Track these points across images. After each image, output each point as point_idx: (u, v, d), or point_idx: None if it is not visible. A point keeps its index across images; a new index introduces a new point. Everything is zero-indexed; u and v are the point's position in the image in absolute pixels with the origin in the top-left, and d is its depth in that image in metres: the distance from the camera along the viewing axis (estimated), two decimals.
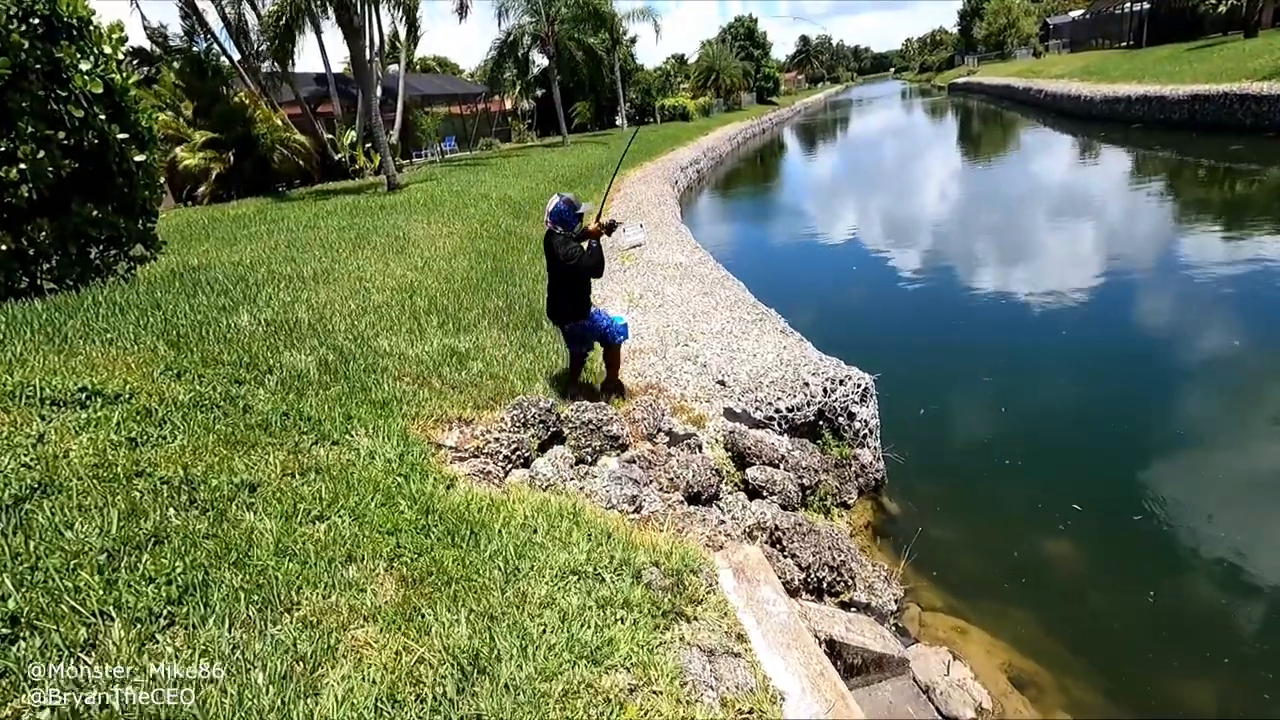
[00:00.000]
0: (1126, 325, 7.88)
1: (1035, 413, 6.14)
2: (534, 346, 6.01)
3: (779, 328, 6.54)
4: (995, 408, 6.23)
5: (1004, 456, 5.53)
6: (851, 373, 5.38)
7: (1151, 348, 7.26)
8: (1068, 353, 7.20)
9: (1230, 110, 19.06)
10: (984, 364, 7.07)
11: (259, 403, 3.47)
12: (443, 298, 6.98)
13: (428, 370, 4.78)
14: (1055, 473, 5.29)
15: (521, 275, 8.99)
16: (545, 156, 25.29)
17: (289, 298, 5.71)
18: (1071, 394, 6.40)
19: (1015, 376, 6.82)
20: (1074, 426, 5.87)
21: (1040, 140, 25.47)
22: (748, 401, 5.22)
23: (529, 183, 17.84)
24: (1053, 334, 7.75)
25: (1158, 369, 6.71)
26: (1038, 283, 9.64)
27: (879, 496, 5.37)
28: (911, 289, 10.12)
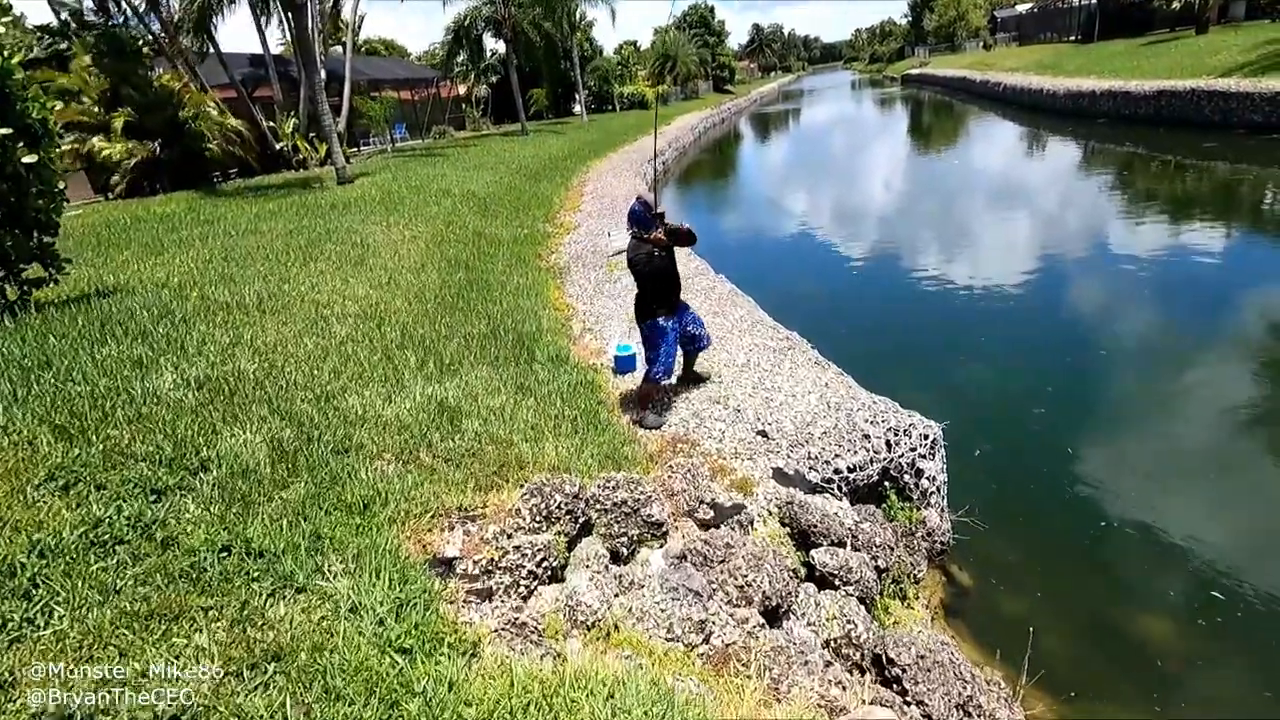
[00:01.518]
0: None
1: (1109, 446, 5.48)
2: (532, 388, 5.03)
3: (811, 358, 5.71)
4: (1060, 442, 5.55)
5: (1088, 508, 4.84)
6: (915, 420, 4.59)
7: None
8: (1128, 365, 6.59)
9: (1198, 106, 19.12)
10: (1034, 385, 6.41)
11: (186, 530, 2.44)
12: (416, 325, 5.91)
13: (413, 438, 3.77)
14: (1157, 528, 4.61)
15: (500, 289, 7.94)
16: (505, 146, 23.96)
17: (228, 338, 4.58)
18: (1150, 421, 5.77)
19: (1077, 398, 6.17)
20: (1162, 468, 5.22)
21: (1009, 135, 25.38)
22: (799, 459, 4.37)
23: (492, 176, 16.62)
24: (1105, 340, 7.15)
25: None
26: (1072, 283, 9.09)
27: (947, 565, 4.61)
28: (924, 296, 9.46)
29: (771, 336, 6.19)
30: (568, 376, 5.46)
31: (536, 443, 4.17)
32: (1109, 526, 4.68)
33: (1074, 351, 7.21)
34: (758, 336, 6.21)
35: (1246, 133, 17.19)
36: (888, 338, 8.35)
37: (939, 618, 4.20)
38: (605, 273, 9.02)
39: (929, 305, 9.24)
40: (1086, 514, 4.80)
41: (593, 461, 4.11)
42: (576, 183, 17.94)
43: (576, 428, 4.52)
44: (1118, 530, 4.65)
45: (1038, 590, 4.36)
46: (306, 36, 15.54)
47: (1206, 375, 6.44)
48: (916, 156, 23.41)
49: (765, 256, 13.00)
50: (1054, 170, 17.70)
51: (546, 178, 18.10)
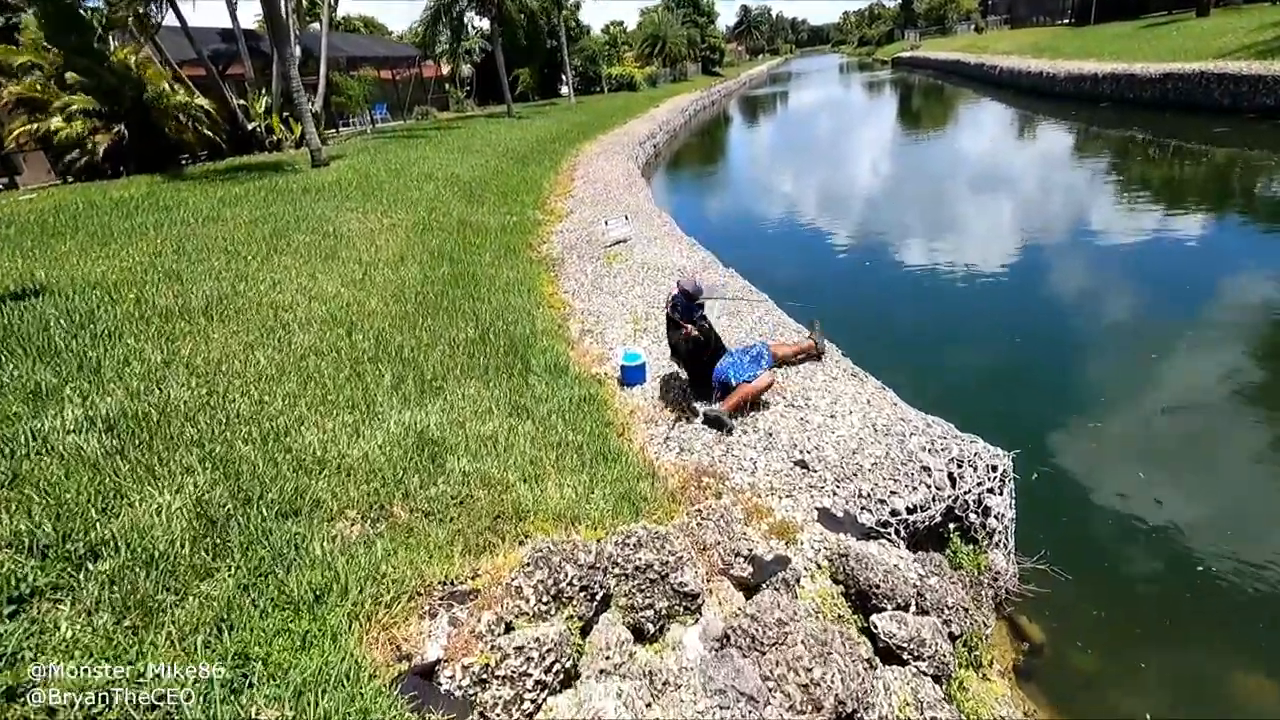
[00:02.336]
0: None
1: (1190, 464, 4.85)
2: (529, 408, 4.31)
3: (846, 368, 5.02)
4: (1130, 463, 4.92)
5: (1178, 546, 4.21)
6: (979, 448, 3.92)
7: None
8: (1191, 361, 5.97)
9: (1206, 90, 18.55)
10: (1088, 392, 5.77)
11: (44, 668, 1.70)
12: (393, 330, 5.15)
13: (385, 486, 3.04)
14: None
15: (489, 284, 7.18)
16: (490, 129, 22.97)
17: (161, 355, 3.80)
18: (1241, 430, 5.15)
19: (1136, 406, 5.54)
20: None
21: (1012, 120, 24.72)
22: (847, 497, 3.69)
23: (478, 159, 15.72)
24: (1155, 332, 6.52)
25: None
26: (1113, 275, 8.47)
27: (1015, 616, 3.97)
28: (941, 288, 8.80)
29: (795, 340, 5.48)
30: (568, 391, 4.74)
31: (537, 483, 3.45)
32: (1211, 572, 4.06)
33: (1128, 350, 6.59)
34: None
35: (1257, 116, 16.64)
36: (906, 334, 7.68)
37: (1012, 683, 3.56)
38: (603, 265, 8.27)
39: (947, 298, 8.58)
40: (1178, 555, 4.18)
41: (605, 505, 3.41)
42: (566, 167, 17.09)
43: (583, 459, 3.81)
44: (1222, 577, 4.03)
45: (1128, 651, 3.74)
46: (278, 10, 14.49)
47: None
48: (918, 143, 22.70)
49: (765, 245, 12.25)
50: (1065, 157, 17.08)
51: (535, 161, 17.23)
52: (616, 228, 8.99)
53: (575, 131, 23.64)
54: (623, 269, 7.91)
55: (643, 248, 8.70)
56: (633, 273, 7.71)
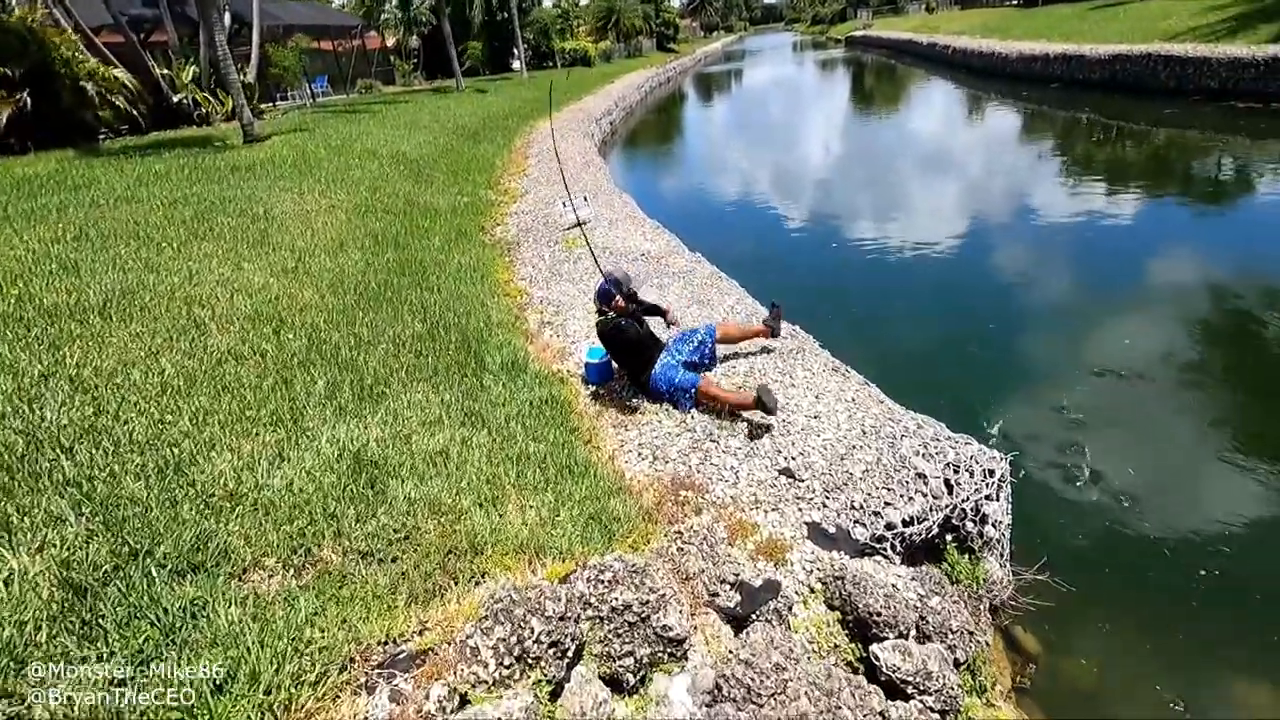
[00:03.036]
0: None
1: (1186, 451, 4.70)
2: (484, 414, 3.86)
3: (825, 362, 4.70)
4: (1117, 450, 4.74)
5: (1187, 546, 4.04)
6: (975, 451, 3.64)
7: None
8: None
9: (1154, 72, 18.85)
10: (1065, 380, 5.60)
11: None
12: (330, 327, 4.61)
13: (314, 523, 2.57)
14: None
15: (439, 272, 6.64)
16: (439, 103, 21.94)
17: (40, 366, 3.21)
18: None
19: (1114, 391, 5.39)
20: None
21: (965, 100, 24.83)
22: (838, 508, 3.37)
23: (426, 136, 14.90)
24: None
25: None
26: (1077, 254, 8.37)
27: (1010, 628, 3.74)
28: (919, 276, 8.59)
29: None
30: (528, 392, 4.30)
31: (495, 506, 3.02)
32: (1209, 568, 3.90)
33: (1096, 331, 6.46)
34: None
35: (1203, 99, 16.97)
36: (875, 317, 7.44)
37: (1014, 703, 3.32)
38: (562, 249, 7.78)
39: (913, 280, 8.39)
40: (1172, 552, 4.01)
41: (573, 530, 3.01)
42: (520, 144, 16.38)
43: (547, 474, 3.39)
44: (1222, 572, 3.87)
45: (1128, 660, 3.54)
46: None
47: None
48: (875, 122, 22.61)
49: (729, 227, 11.87)
50: (1018, 138, 17.17)
51: (487, 138, 16.47)
52: (575, 209, 8.48)
53: (528, 108, 22.79)
54: (583, 254, 7.44)
55: (604, 231, 8.23)
56: (594, 262, 7.23)
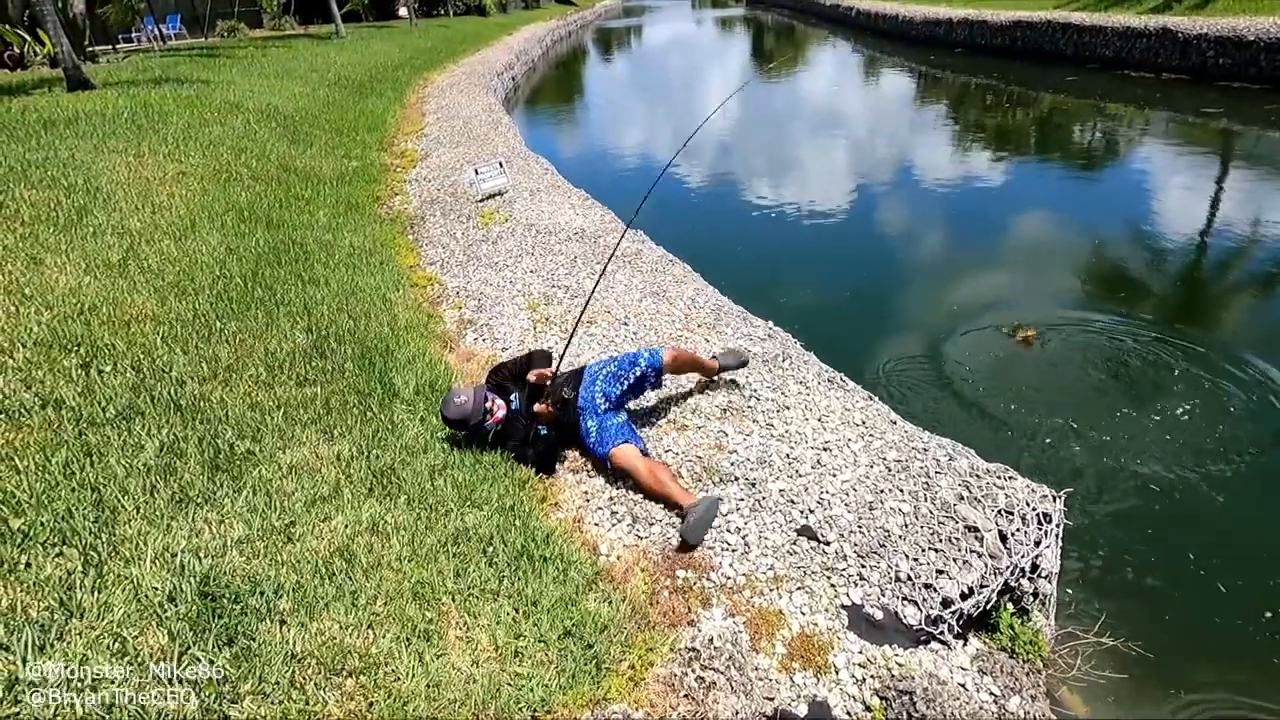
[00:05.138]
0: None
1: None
2: (400, 472, 2.83)
3: (818, 371, 3.93)
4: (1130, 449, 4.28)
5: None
6: (1025, 493, 2.99)
7: None
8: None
9: (1053, 39, 19.29)
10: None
11: None
12: (171, 349, 3.37)
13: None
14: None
15: (326, 257, 5.40)
16: (316, 51, 19.44)
17: None
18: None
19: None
20: None
21: (868, 63, 24.78)
22: (881, 581, 2.62)
23: (302, 87, 12.92)
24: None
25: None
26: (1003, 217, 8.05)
27: (1052, 688, 3.17)
28: (838, 237, 8.03)
29: (748, 334, 4.32)
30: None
31: (428, 639, 2.05)
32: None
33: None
34: (730, 335, 4.31)
35: (1099, 66, 17.50)
36: (830, 298, 6.80)
37: None
38: (477, 225, 6.62)
39: (851, 251, 7.88)
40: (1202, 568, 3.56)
41: (546, 660, 2.10)
42: (415, 100, 14.63)
43: (497, 566, 2.44)
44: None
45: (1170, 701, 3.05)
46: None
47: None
48: (775, 85, 22.14)
49: (660, 198, 10.93)
50: (920, 102, 17.13)
51: (375, 92, 14.59)
52: (489, 177, 7.30)
53: (421, 59, 20.67)
54: (504, 232, 6.31)
55: (525, 202, 7.09)
56: (517, 237, 6.14)
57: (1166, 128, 12.79)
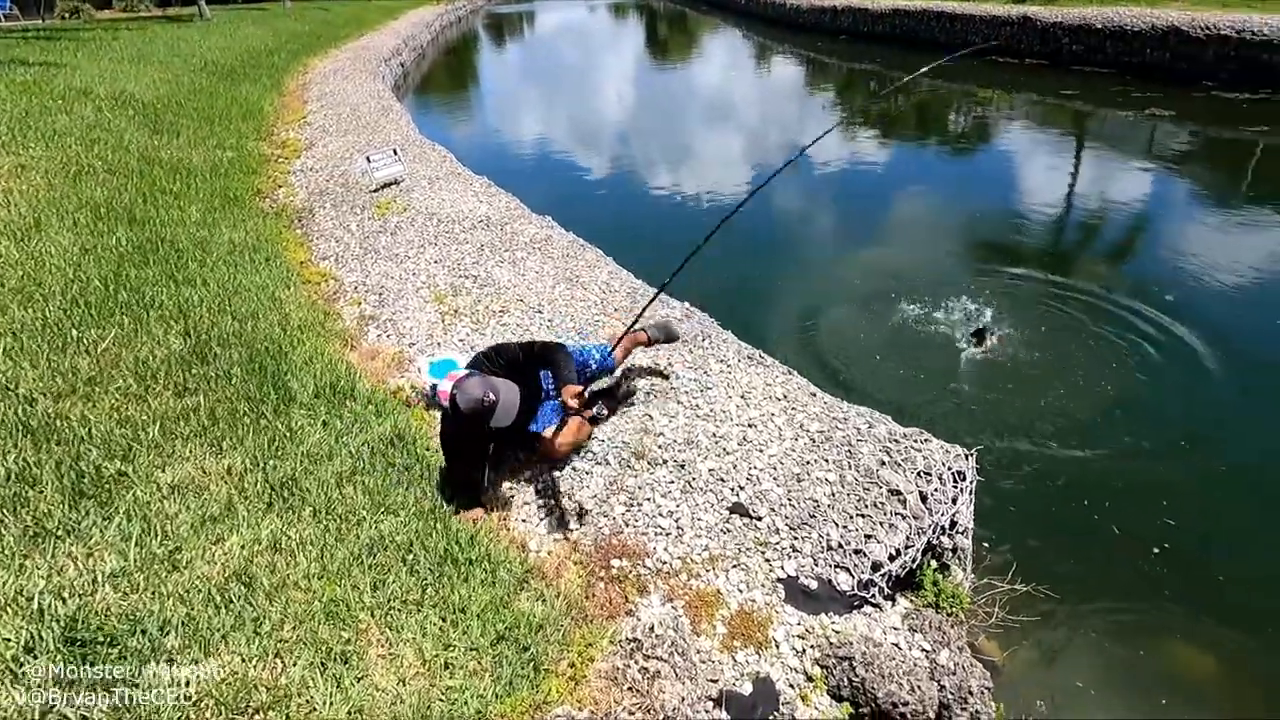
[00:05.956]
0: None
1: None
2: (303, 481, 2.60)
3: (739, 350, 3.94)
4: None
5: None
6: (934, 450, 3.10)
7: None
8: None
9: (929, 26, 20.39)
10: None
11: None
12: (17, 363, 2.95)
13: None
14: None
15: (204, 256, 4.95)
16: (178, 34, 17.81)
17: None
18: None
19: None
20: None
21: (757, 51, 25.38)
22: (814, 551, 2.64)
23: (164, 73, 11.78)
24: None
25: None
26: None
27: (974, 641, 3.33)
28: (756, 224, 8.17)
29: (665, 313, 4.27)
30: (363, 431, 3.06)
31: (346, 661, 1.87)
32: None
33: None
34: (648, 319, 4.24)
35: (972, 55, 18.64)
36: (733, 273, 6.89)
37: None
38: (373, 216, 6.23)
39: (752, 230, 8.03)
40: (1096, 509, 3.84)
41: (479, 669, 1.97)
42: (295, 87, 13.67)
43: (418, 573, 2.27)
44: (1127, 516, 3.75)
45: (1078, 649, 3.28)
46: None
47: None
48: (669, 72, 22.37)
49: (563, 182, 10.71)
50: (806, 88, 17.74)
51: (249, 78, 13.52)
52: (383, 165, 6.88)
53: (299, 43, 19.36)
54: (403, 222, 5.97)
55: (424, 191, 6.74)
56: (418, 227, 5.82)
57: (1030, 110, 13.80)
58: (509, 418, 2.50)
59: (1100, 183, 9.38)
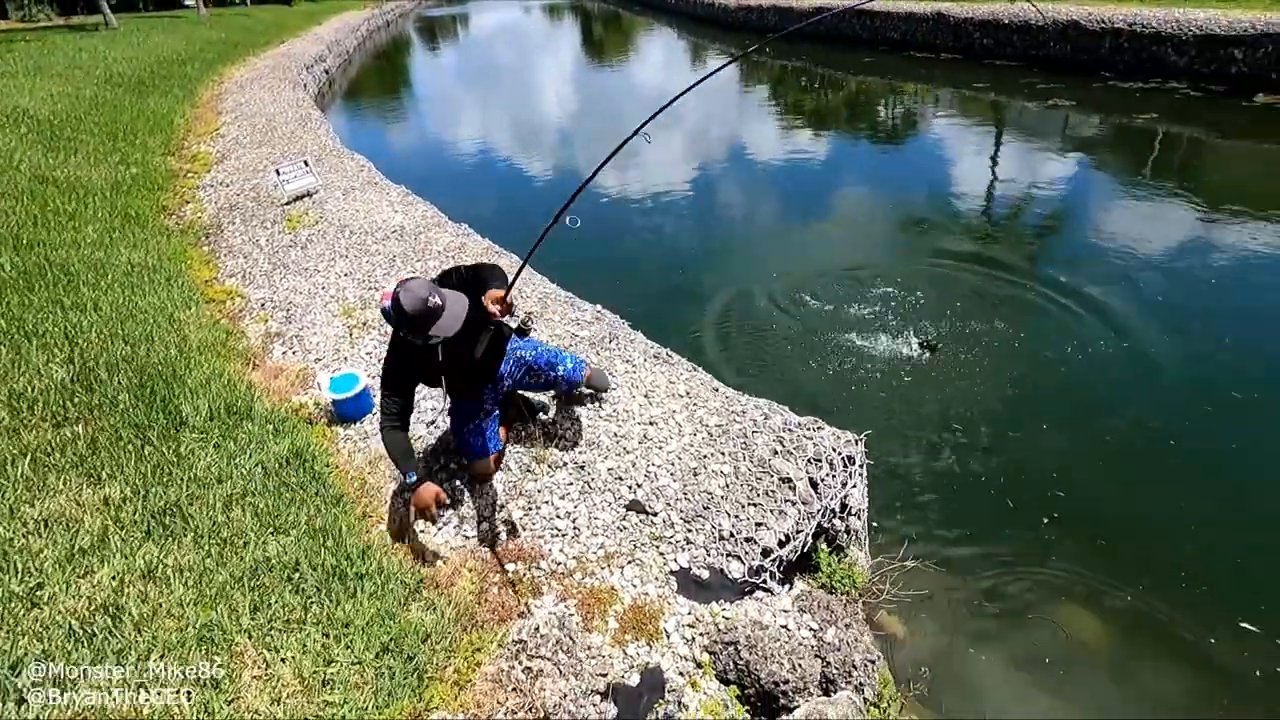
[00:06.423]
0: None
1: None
2: (187, 508, 2.56)
3: (645, 348, 4.01)
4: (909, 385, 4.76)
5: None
6: (827, 436, 3.23)
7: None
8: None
9: (850, 23, 20.98)
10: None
11: None
12: None
13: None
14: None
15: (95, 279, 4.77)
16: (80, 45, 16.95)
17: None
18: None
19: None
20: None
21: (689, 50, 25.67)
22: (707, 542, 2.73)
23: (61, 86, 11.22)
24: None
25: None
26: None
27: (882, 621, 3.48)
28: (682, 223, 8.30)
29: (575, 318, 4.32)
30: (259, 451, 3.01)
31: (218, 686, 1.86)
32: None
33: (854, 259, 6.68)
34: (558, 321, 4.29)
35: (890, 49, 19.28)
36: (647, 272, 7.00)
37: (906, 707, 3.04)
38: (284, 230, 6.09)
39: (679, 230, 8.18)
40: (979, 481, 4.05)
41: (360, 683, 1.98)
42: (208, 98, 13.20)
43: (303, 592, 2.26)
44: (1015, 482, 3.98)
45: (972, 616, 3.47)
46: None
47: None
48: (607, 73, 22.45)
49: (477, 187, 10.62)
50: (744, 87, 18.06)
51: (159, 90, 12.98)
52: (294, 177, 6.73)
53: (213, 51, 18.68)
54: (314, 235, 5.86)
55: (338, 202, 6.62)
56: (330, 239, 5.72)
57: (947, 102, 14.34)
58: (455, 324, 2.36)
59: (997, 170, 9.84)
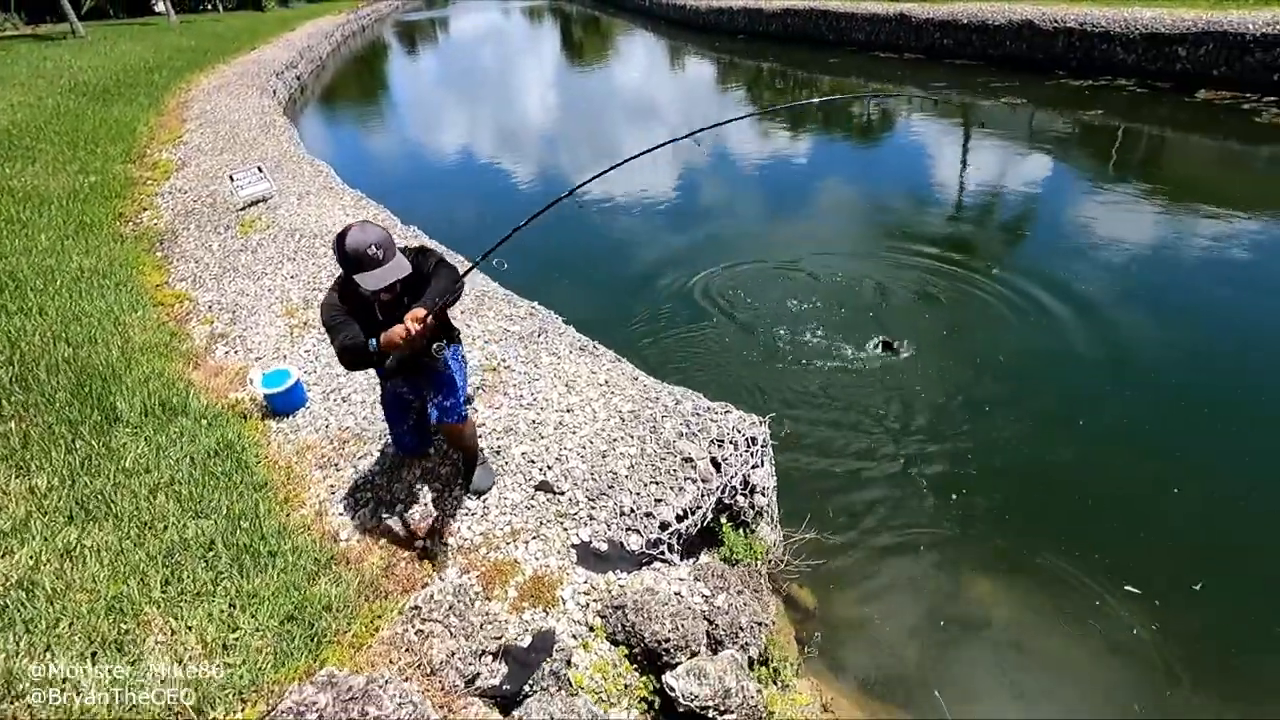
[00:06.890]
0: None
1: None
2: (112, 495, 2.72)
3: (573, 341, 4.20)
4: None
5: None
6: (734, 420, 3.43)
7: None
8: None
9: (816, 24, 21.29)
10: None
11: None
12: None
13: None
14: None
15: (45, 285, 4.90)
16: (44, 54, 16.92)
17: None
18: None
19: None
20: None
21: (670, 51, 25.91)
22: (607, 518, 2.92)
23: (21, 95, 11.26)
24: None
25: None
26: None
27: (792, 593, 3.69)
28: (653, 228, 8.51)
29: (510, 314, 4.50)
30: (189, 444, 3.17)
31: (121, 650, 2.03)
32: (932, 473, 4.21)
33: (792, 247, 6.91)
34: (491, 318, 4.47)
35: (856, 49, 19.61)
36: (607, 275, 7.20)
37: (801, 670, 3.25)
38: (236, 234, 6.22)
39: (649, 234, 8.38)
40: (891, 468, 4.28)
41: (261, 646, 2.15)
42: (174, 105, 13.23)
43: (216, 567, 2.43)
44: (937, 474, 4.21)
45: (884, 589, 3.68)
46: None
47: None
48: (587, 76, 22.63)
49: (443, 193, 10.76)
50: (717, 86, 18.32)
51: (123, 98, 13.01)
52: (248, 184, 6.86)
53: (182, 59, 18.65)
54: (265, 239, 6.00)
55: (291, 208, 6.76)
56: (279, 243, 5.87)
57: (911, 101, 14.64)
58: (393, 275, 2.33)
59: (950, 167, 10.15)
